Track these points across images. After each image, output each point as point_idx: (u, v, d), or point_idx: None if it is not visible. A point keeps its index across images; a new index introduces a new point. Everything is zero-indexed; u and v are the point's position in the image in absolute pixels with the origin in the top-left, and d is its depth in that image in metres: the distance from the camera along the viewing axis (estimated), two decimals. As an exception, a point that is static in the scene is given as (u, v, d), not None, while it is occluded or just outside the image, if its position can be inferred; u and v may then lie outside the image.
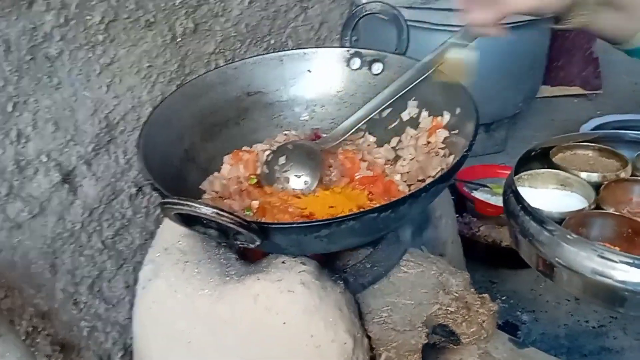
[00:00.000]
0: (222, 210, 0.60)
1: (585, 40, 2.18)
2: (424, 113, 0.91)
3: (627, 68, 2.43)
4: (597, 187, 0.83)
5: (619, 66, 2.43)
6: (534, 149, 0.91)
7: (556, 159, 0.90)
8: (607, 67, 2.28)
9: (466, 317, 0.80)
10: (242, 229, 0.62)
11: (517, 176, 0.86)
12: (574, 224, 0.77)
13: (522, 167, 0.89)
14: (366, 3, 0.96)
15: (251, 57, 0.97)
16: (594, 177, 0.85)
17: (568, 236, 0.72)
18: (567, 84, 2.26)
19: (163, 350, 0.79)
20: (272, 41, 1.35)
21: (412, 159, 0.89)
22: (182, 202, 0.61)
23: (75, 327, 1.06)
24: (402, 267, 0.85)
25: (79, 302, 1.06)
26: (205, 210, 0.60)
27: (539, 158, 0.92)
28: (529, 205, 0.78)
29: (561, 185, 0.87)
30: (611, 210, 0.80)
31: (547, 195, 0.86)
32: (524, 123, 2.12)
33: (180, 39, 1.11)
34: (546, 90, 2.26)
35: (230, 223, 0.61)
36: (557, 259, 0.73)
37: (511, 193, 0.82)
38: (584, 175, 0.86)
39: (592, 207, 0.81)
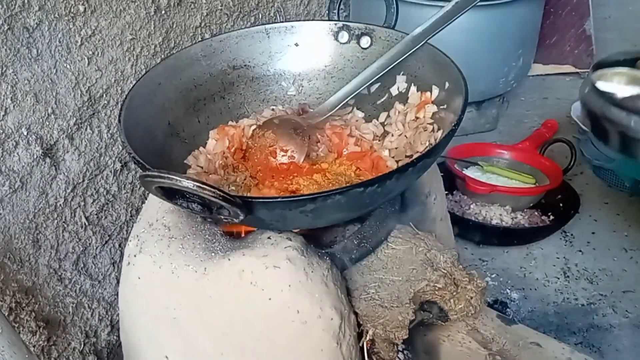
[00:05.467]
0: (204, 183, 0.59)
1: (578, 18, 2.16)
2: (413, 88, 0.90)
3: (620, 46, 2.42)
4: None
5: (612, 45, 2.42)
6: (609, 59, 0.87)
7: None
8: (600, 45, 2.27)
9: (454, 293, 0.80)
10: (225, 203, 0.60)
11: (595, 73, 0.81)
12: None
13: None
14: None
15: (236, 29, 0.95)
16: None
17: None
18: (559, 63, 2.25)
19: (148, 326, 0.78)
20: (260, 15, 1.33)
21: (401, 134, 0.88)
22: (162, 174, 0.59)
23: (61, 303, 1.05)
24: (390, 244, 0.84)
25: (64, 278, 1.05)
26: (187, 184, 0.59)
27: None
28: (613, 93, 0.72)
29: None
30: None
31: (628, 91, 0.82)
32: (515, 101, 2.11)
33: (164, 12, 1.08)
34: (538, 69, 2.25)
35: (213, 197, 0.59)
36: None
37: (589, 85, 0.77)
38: None
39: None
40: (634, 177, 1.45)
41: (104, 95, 1.03)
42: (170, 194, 0.63)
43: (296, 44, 0.97)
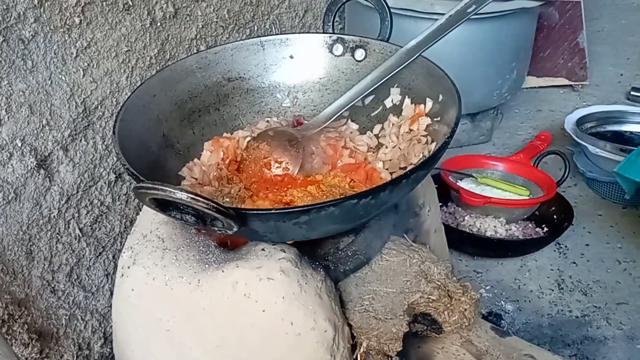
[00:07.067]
0: (198, 195, 0.59)
1: (572, 31, 2.18)
2: (407, 100, 0.90)
3: (613, 59, 2.44)
4: None
5: (605, 57, 2.44)
6: None
7: None
8: (593, 58, 2.29)
9: (448, 305, 0.80)
10: (219, 214, 0.60)
11: None
12: None
13: None
14: (349, -12, 0.95)
15: (232, 42, 0.96)
16: None
17: None
18: (552, 75, 2.27)
19: (142, 338, 0.78)
20: (255, 28, 1.33)
21: (395, 146, 0.89)
22: (156, 186, 0.59)
23: (54, 315, 1.05)
24: (384, 255, 0.84)
25: (57, 290, 1.04)
26: (181, 195, 0.59)
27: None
28: None
29: None
30: None
31: None
32: (509, 114, 2.12)
33: (160, 24, 1.09)
34: (532, 81, 2.26)
35: (207, 208, 0.59)
36: None
37: None
38: None
39: None
40: (635, 183, 1.41)
41: (99, 107, 1.03)
42: (164, 206, 0.63)
43: (291, 56, 0.97)
